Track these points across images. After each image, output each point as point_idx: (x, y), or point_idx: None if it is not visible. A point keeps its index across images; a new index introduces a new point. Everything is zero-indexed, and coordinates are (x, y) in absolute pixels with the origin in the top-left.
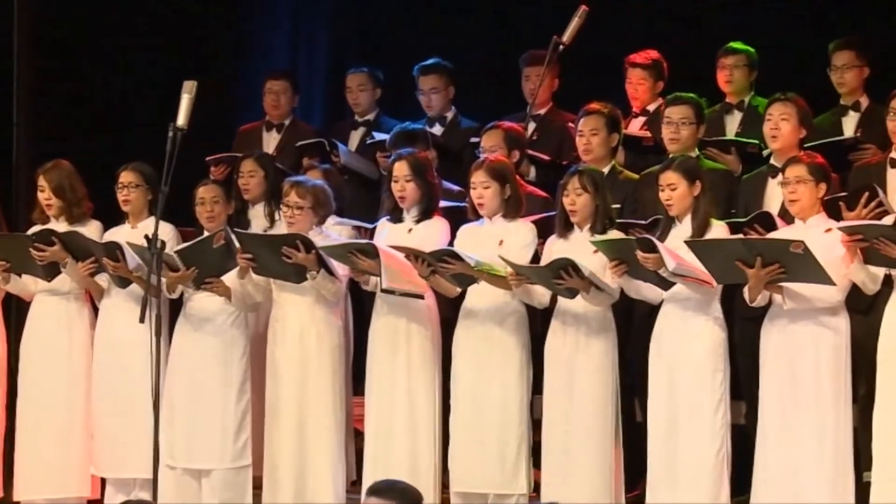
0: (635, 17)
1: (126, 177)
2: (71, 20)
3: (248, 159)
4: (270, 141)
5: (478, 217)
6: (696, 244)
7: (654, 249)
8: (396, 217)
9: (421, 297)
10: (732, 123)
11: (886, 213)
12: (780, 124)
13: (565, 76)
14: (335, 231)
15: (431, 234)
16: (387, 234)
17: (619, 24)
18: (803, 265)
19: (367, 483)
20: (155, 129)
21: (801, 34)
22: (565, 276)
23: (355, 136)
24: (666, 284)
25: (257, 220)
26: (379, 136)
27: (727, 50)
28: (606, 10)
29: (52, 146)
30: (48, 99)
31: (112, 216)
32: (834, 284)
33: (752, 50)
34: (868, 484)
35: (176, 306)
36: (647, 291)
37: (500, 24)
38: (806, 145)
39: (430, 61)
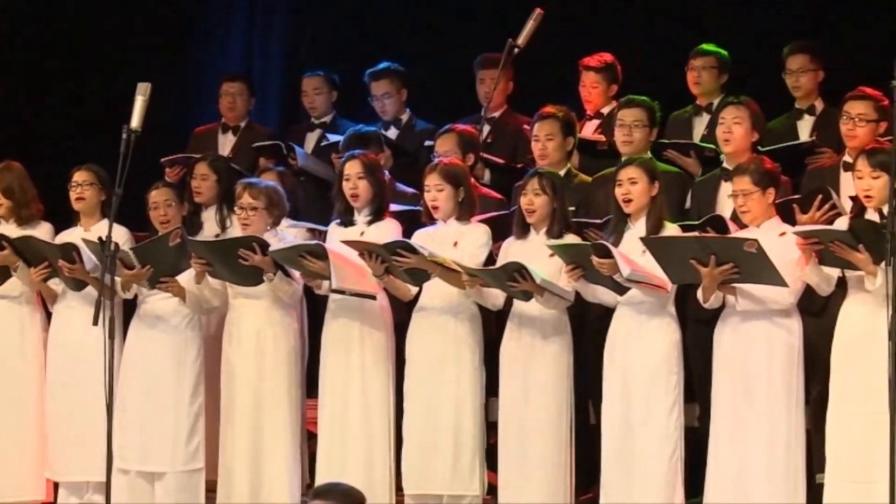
0: (590, 21)
1: (80, 176)
2: (22, 20)
3: (201, 162)
4: (226, 143)
5: (432, 220)
6: (652, 241)
7: (609, 255)
8: (347, 220)
9: (373, 297)
10: (700, 125)
11: (839, 215)
12: (733, 128)
13: (520, 79)
14: (289, 233)
15: (383, 235)
16: (338, 237)
17: (574, 28)
18: (757, 265)
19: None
20: (108, 132)
21: (757, 37)
22: (519, 278)
23: (311, 139)
24: (621, 289)
25: (209, 223)
26: (333, 137)
27: (697, 52)
28: (561, 13)
29: (2, 149)
30: None
31: (63, 219)
32: (786, 286)
33: (723, 52)
34: (820, 486)
35: (130, 309)
36: (602, 295)
37: (456, 26)
38: (763, 149)
39: (380, 66)
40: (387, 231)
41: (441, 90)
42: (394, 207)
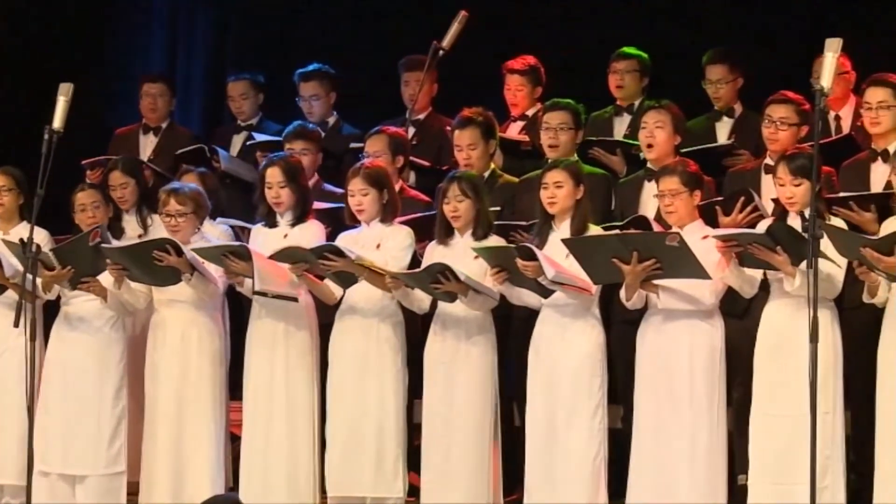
0: (514, 23)
1: None
2: None
3: (114, 171)
4: (147, 144)
5: (355, 223)
6: (573, 242)
7: (533, 257)
8: (271, 222)
9: (295, 299)
10: (621, 125)
11: (762, 217)
12: (655, 132)
13: (444, 81)
14: (213, 232)
15: (307, 238)
16: (262, 239)
17: (499, 30)
18: (679, 259)
19: (244, 488)
20: (29, 133)
21: (677, 38)
22: (442, 279)
23: (238, 141)
24: (545, 291)
25: (130, 225)
26: (259, 136)
27: (619, 55)
28: (486, 16)
29: None
30: None
31: None
32: (709, 278)
33: (644, 55)
34: (741, 487)
35: (52, 311)
36: (527, 298)
37: (380, 28)
38: (682, 151)
39: (310, 67)
40: (310, 233)
41: (365, 92)
42: (319, 205)
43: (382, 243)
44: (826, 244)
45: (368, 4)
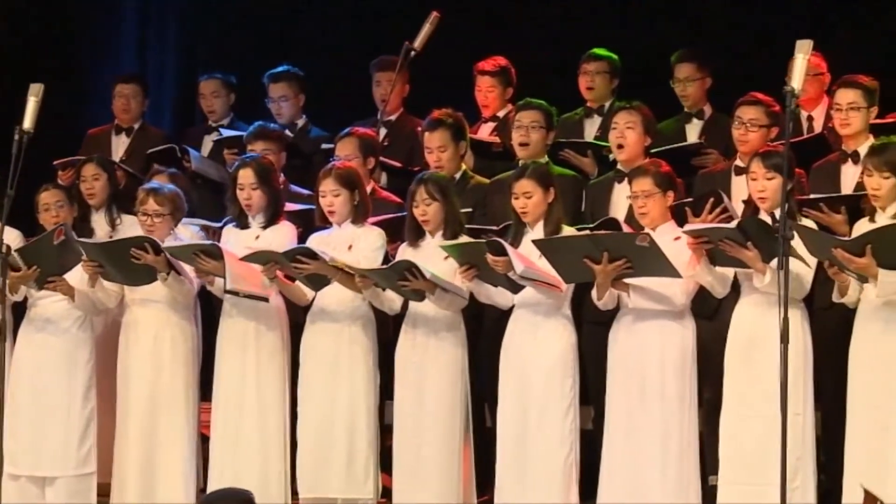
0: (486, 25)
1: None
2: None
3: (89, 164)
4: (119, 145)
5: (326, 223)
6: (544, 243)
7: (503, 252)
8: (243, 223)
9: (265, 299)
10: (591, 127)
11: (731, 218)
12: (626, 133)
13: (416, 82)
14: (184, 232)
15: (279, 239)
16: (233, 240)
17: (470, 31)
18: (649, 258)
19: (213, 489)
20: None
21: (647, 41)
22: (409, 276)
23: (208, 141)
24: (516, 288)
25: (100, 224)
26: (227, 132)
27: (589, 56)
28: (458, 17)
29: None
30: None
31: None
32: (680, 277)
33: (614, 57)
34: (713, 487)
35: (21, 313)
36: (497, 297)
37: (352, 28)
38: (652, 151)
39: (279, 69)
40: (282, 235)
41: (337, 92)
42: (290, 207)
43: (354, 244)
44: (796, 244)
45: (341, 5)
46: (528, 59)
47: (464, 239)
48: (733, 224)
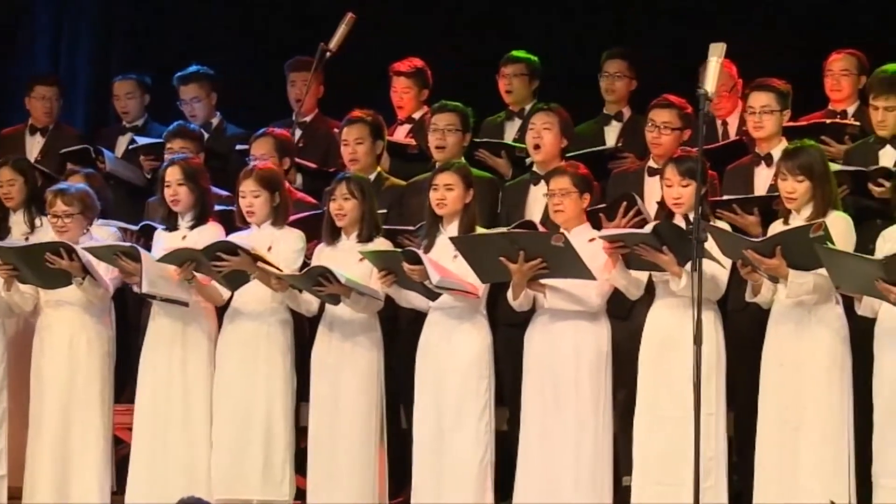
0: (401, 26)
1: None
2: None
3: (4, 167)
4: (34, 145)
5: (246, 224)
6: (461, 240)
7: (419, 261)
8: (171, 225)
9: (185, 303)
10: (512, 130)
11: (645, 221)
12: (543, 133)
13: (331, 83)
14: (101, 233)
15: (206, 239)
16: (163, 242)
17: (386, 32)
18: (564, 259)
19: (131, 492)
20: None
21: (568, 43)
22: (323, 282)
23: (123, 142)
24: (432, 294)
25: (18, 226)
26: (141, 140)
27: (508, 59)
28: (373, 18)
29: None
30: None
31: None
32: (594, 279)
33: (534, 58)
34: (627, 488)
35: None
36: (415, 300)
37: (267, 29)
38: (568, 154)
39: (189, 70)
40: (209, 235)
41: (252, 93)
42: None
43: (274, 246)
44: (711, 245)
45: (256, 5)
46: (445, 61)
47: (380, 242)
48: (648, 228)
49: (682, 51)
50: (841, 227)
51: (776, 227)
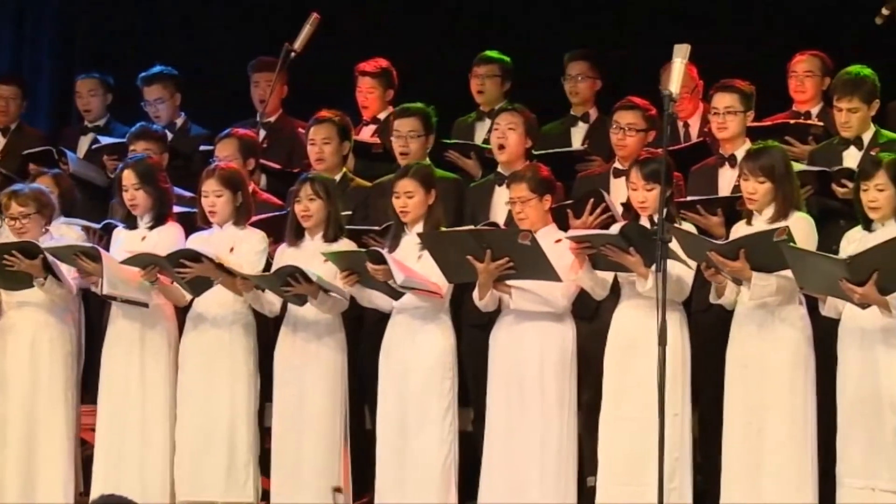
0: (367, 26)
1: None
2: None
3: None
4: None
5: (208, 224)
6: (429, 237)
7: (383, 261)
8: (131, 224)
9: (145, 305)
10: (482, 130)
11: (613, 218)
12: (507, 134)
13: (296, 84)
14: (66, 231)
15: (165, 240)
16: (122, 241)
17: (351, 33)
18: (531, 259)
19: (95, 493)
20: None
21: (538, 45)
22: (293, 282)
23: (85, 142)
24: (396, 295)
25: None
26: (105, 139)
27: (481, 59)
28: (338, 19)
29: None
30: None
31: None
32: (560, 280)
33: (507, 60)
34: (591, 489)
35: None
36: (378, 300)
37: (232, 29)
38: (536, 153)
39: (152, 71)
40: (168, 235)
41: (216, 94)
42: (175, 209)
43: (236, 247)
44: (677, 246)
45: (220, 5)
46: (412, 61)
47: (344, 243)
48: (615, 229)
49: (648, 52)
50: (803, 228)
51: (739, 228)
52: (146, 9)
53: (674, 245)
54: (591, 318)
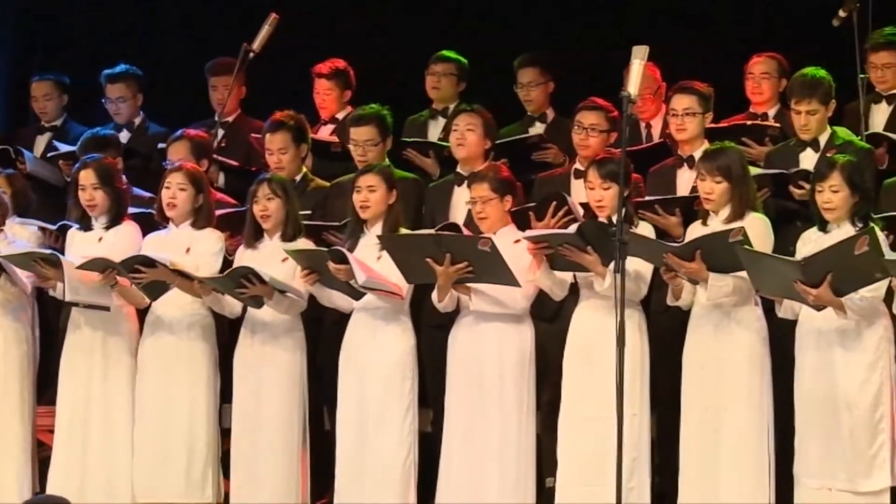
0: (325, 27)
1: None
2: None
3: None
4: None
5: (165, 221)
6: (389, 239)
7: (345, 261)
8: (86, 225)
9: (107, 308)
10: (436, 128)
11: (575, 220)
12: (466, 135)
13: (254, 84)
14: (21, 232)
15: (122, 241)
16: (78, 242)
17: (310, 33)
18: (490, 264)
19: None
20: None
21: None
22: (247, 283)
23: (41, 142)
24: (357, 294)
25: None
26: (62, 147)
27: (437, 57)
28: (297, 19)
29: None
30: None
31: None
32: (519, 286)
33: (462, 60)
34: (550, 489)
35: None
36: (338, 300)
37: (191, 28)
38: (497, 141)
39: (117, 69)
40: (125, 235)
41: (175, 93)
42: (131, 210)
43: (192, 247)
44: (643, 230)
45: (180, 5)
46: (370, 60)
47: (303, 242)
48: (573, 229)
49: (607, 54)
50: (758, 229)
51: (695, 228)
52: (104, 7)
53: (640, 229)
54: (553, 319)
